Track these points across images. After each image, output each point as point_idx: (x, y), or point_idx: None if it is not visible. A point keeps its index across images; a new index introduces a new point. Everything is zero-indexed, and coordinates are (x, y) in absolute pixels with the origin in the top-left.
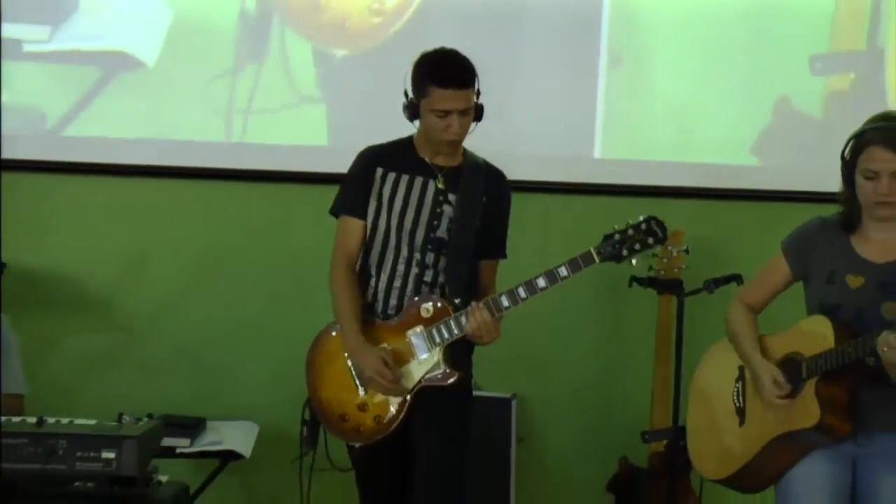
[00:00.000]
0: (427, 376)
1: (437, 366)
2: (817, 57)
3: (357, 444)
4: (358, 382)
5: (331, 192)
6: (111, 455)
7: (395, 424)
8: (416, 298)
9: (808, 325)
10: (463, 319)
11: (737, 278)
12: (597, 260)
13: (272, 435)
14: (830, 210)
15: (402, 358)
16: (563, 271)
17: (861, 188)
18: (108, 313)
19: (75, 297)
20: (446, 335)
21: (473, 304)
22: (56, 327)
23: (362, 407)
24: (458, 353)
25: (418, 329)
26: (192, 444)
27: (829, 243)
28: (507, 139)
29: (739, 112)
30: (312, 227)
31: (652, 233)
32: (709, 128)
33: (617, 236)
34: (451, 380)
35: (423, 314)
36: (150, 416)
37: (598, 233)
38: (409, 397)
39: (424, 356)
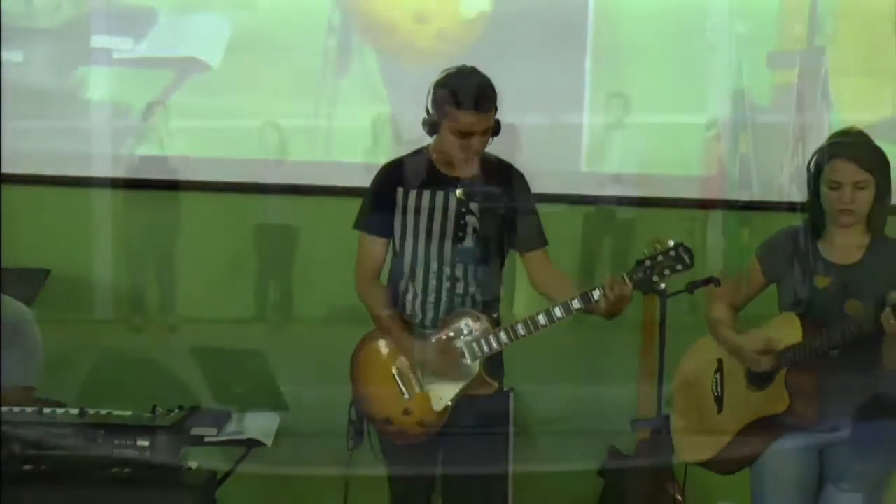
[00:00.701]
0: (467, 385)
1: (477, 377)
2: (772, 53)
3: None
4: (403, 388)
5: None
6: (145, 443)
7: (439, 427)
8: (455, 312)
9: (779, 322)
10: (502, 335)
11: (714, 281)
12: (630, 286)
13: (292, 425)
14: (797, 218)
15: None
16: (596, 294)
17: (826, 197)
18: (142, 316)
19: (113, 301)
20: (486, 349)
21: (609, 280)
22: (96, 328)
23: (407, 412)
24: (494, 363)
25: (459, 342)
26: (218, 434)
27: (798, 248)
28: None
29: (703, 103)
30: (341, 236)
31: (680, 259)
32: (678, 116)
33: (648, 262)
34: (490, 390)
35: (464, 329)
36: (180, 407)
37: (591, 241)
38: (450, 404)
39: (465, 367)
